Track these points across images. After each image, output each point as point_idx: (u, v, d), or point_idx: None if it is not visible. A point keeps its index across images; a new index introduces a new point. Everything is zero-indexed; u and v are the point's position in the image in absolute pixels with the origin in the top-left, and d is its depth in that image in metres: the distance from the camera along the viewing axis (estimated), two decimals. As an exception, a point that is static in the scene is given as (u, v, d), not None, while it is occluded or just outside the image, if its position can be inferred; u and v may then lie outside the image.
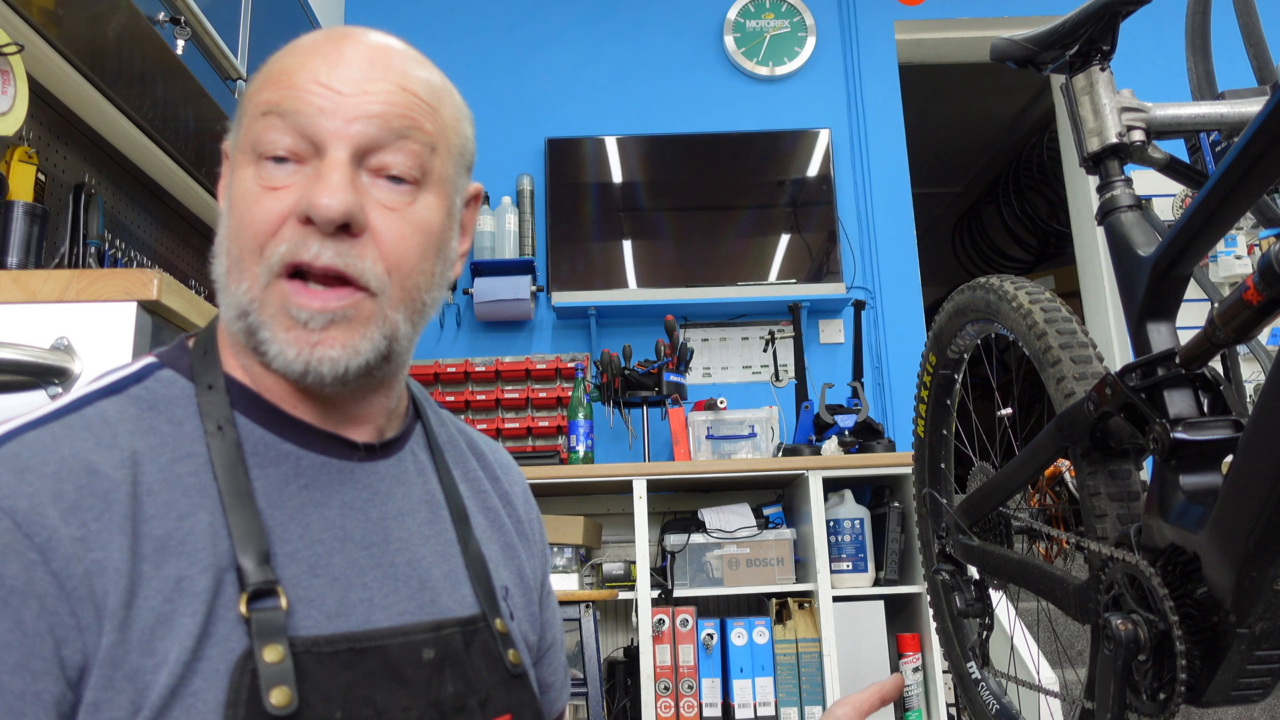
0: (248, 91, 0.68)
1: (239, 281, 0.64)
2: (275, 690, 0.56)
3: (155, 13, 1.75)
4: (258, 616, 0.58)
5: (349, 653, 0.61)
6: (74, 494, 0.56)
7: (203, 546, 0.59)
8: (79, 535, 0.55)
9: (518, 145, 3.41)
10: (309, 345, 0.63)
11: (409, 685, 0.62)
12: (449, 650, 0.66)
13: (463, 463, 0.82)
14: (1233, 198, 0.77)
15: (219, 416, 0.64)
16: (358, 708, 0.59)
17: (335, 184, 0.61)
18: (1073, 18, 1.07)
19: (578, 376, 2.95)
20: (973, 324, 1.28)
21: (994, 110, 5.11)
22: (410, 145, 0.65)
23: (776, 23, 3.57)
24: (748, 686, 2.50)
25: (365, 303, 0.64)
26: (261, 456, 0.65)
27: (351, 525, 0.67)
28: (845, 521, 2.66)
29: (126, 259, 2.06)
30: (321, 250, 0.62)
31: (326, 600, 0.62)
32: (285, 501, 0.64)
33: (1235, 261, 3.12)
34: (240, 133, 0.67)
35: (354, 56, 0.65)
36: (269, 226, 0.63)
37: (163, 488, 0.60)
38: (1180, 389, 0.86)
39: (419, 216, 0.66)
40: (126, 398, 0.64)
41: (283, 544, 0.62)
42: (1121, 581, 0.87)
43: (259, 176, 0.64)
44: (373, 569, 0.66)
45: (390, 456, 0.73)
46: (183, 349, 0.70)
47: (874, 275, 3.38)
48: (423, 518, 0.73)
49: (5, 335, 1.04)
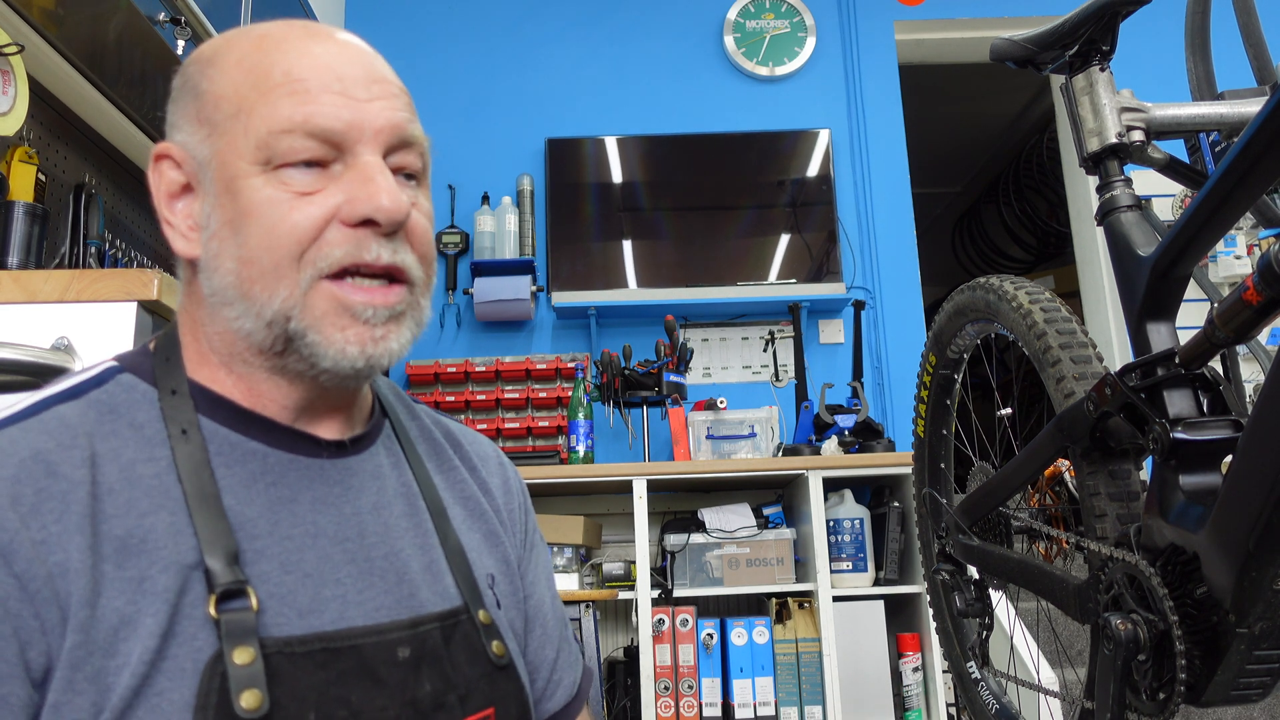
0: (227, 94, 0.65)
1: (271, 289, 0.63)
2: (246, 693, 0.55)
3: (155, 13, 1.75)
4: (227, 618, 0.57)
5: (322, 653, 0.60)
6: (32, 497, 0.56)
7: (164, 545, 0.58)
8: (39, 538, 0.55)
9: (518, 145, 3.41)
10: (371, 340, 0.64)
11: (384, 685, 0.62)
12: (426, 647, 0.66)
13: (438, 455, 0.81)
14: (1232, 198, 0.77)
15: (183, 421, 0.64)
16: (332, 709, 0.59)
17: (391, 187, 0.64)
18: (1072, 18, 1.07)
19: (578, 376, 2.95)
20: (972, 324, 1.28)
21: (994, 110, 5.11)
22: (418, 146, 0.69)
23: (776, 23, 3.57)
24: (748, 686, 2.50)
25: (409, 295, 0.67)
26: (227, 456, 0.65)
27: (323, 521, 0.66)
28: (845, 521, 2.66)
29: (127, 259, 2.06)
30: (381, 251, 0.64)
31: (299, 597, 0.62)
32: (254, 499, 0.64)
33: (1235, 261, 3.12)
34: (227, 139, 0.64)
35: (348, 57, 0.66)
36: (310, 232, 0.63)
37: (123, 487, 0.60)
38: (1180, 389, 0.86)
39: (426, 208, 0.70)
40: (86, 402, 0.63)
41: (252, 541, 0.62)
42: (1121, 581, 0.87)
43: (281, 184, 0.63)
44: (347, 564, 0.65)
45: (361, 453, 0.72)
46: (144, 354, 0.69)
47: (874, 275, 3.38)
48: (399, 511, 0.72)
49: (5, 335, 1.04)
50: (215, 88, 0.66)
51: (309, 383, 0.67)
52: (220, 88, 0.65)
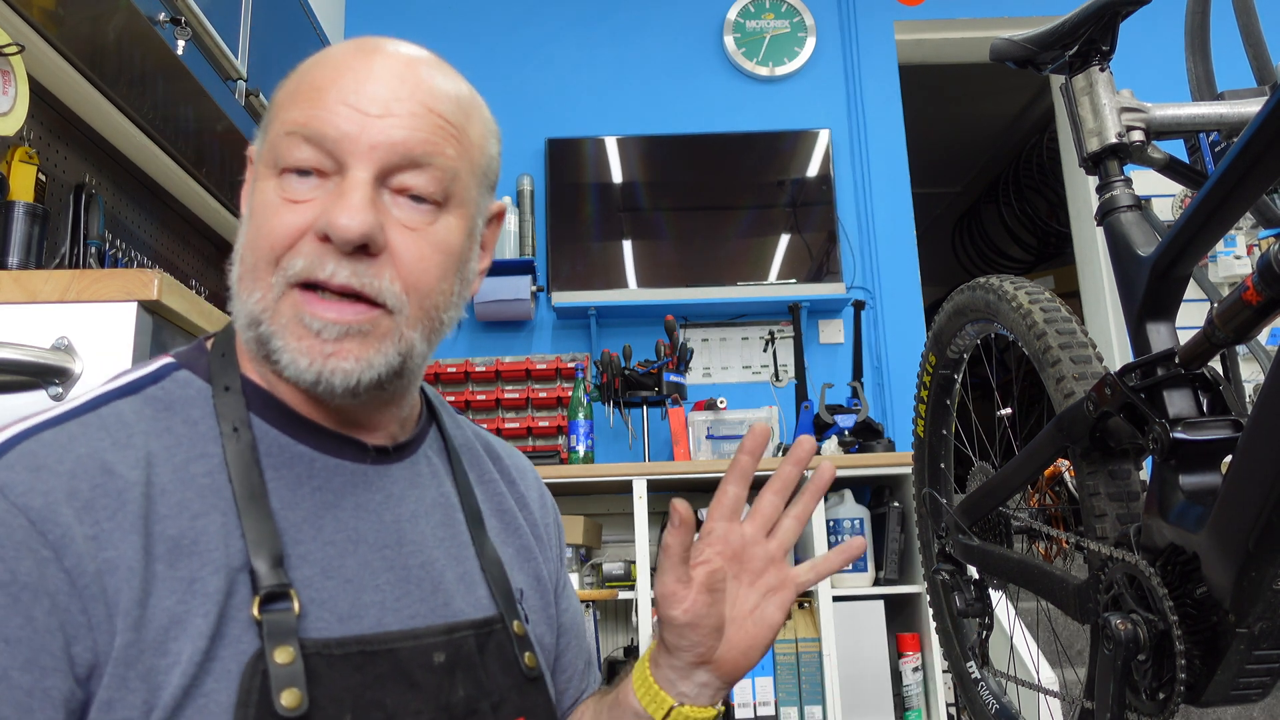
0: (276, 101, 0.68)
1: (251, 291, 0.64)
2: (286, 692, 0.56)
3: (155, 13, 1.74)
4: (269, 619, 0.58)
5: (359, 655, 0.61)
6: (88, 493, 0.57)
7: (215, 547, 0.59)
8: (92, 534, 0.56)
9: (518, 145, 3.41)
10: (322, 356, 0.63)
11: (419, 688, 0.62)
12: (460, 653, 0.66)
13: (478, 466, 0.82)
14: (1232, 198, 0.77)
15: (235, 418, 0.65)
16: (368, 710, 0.60)
17: (355, 204, 0.62)
18: (1072, 18, 1.07)
19: (578, 376, 2.95)
20: (972, 324, 1.28)
21: (994, 110, 5.11)
22: (433, 170, 0.65)
23: (776, 23, 3.57)
24: (748, 686, 2.50)
25: (383, 319, 0.64)
26: (276, 458, 0.65)
27: (365, 527, 0.67)
28: (845, 521, 2.66)
29: (127, 259, 2.06)
30: (338, 270, 0.62)
31: (339, 602, 0.62)
32: (299, 503, 0.64)
33: (1235, 261, 3.12)
34: (264, 144, 0.67)
35: (383, 74, 0.65)
36: (286, 239, 0.63)
37: (177, 488, 0.60)
38: (1180, 389, 0.86)
39: (439, 236, 0.66)
40: (143, 398, 0.64)
41: (296, 545, 0.63)
42: (1121, 581, 0.87)
43: (280, 189, 0.64)
44: (385, 571, 0.66)
45: (403, 460, 0.73)
46: (200, 350, 0.70)
47: (874, 275, 3.38)
48: (437, 520, 0.73)
49: (6, 335, 1.04)
50: (275, 95, 0.69)
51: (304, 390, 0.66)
52: (277, 95, 0.69)
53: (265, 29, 2.27)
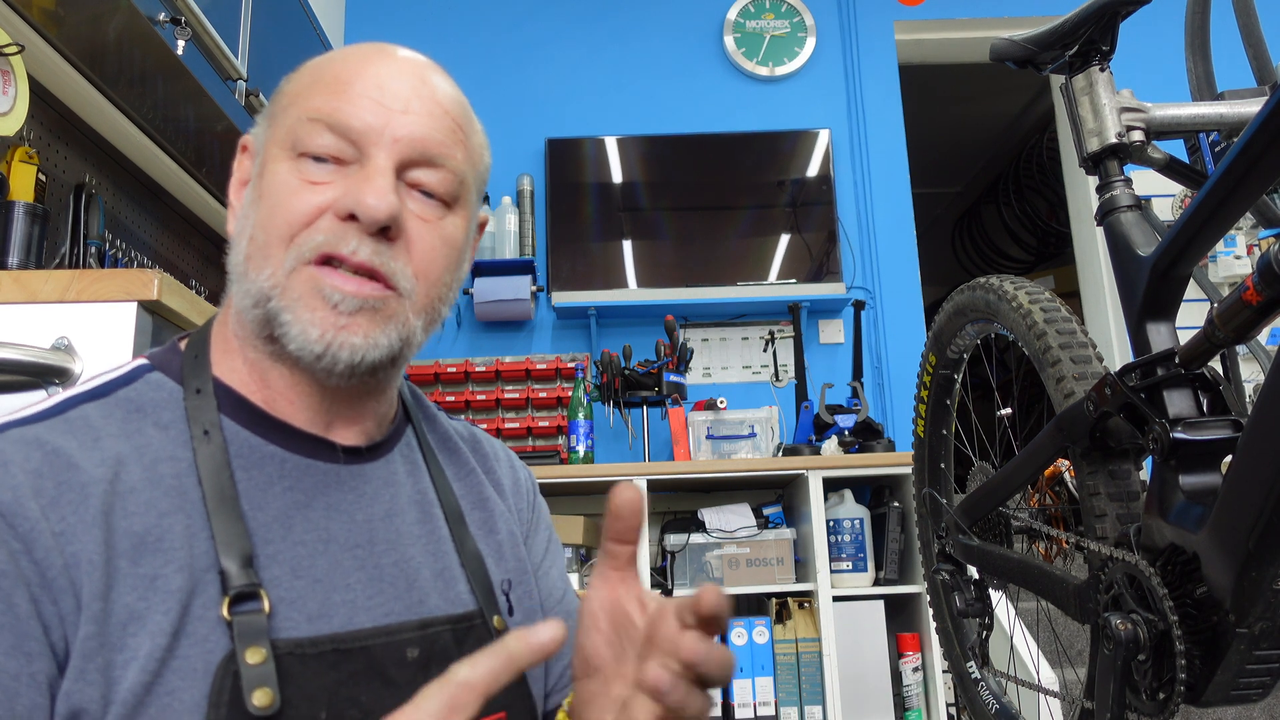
0: (289, 91, 0.70)
1: (260, 268, 0.65)
2: (257, 691, 0.56)
3: (155, 13, 1.74)
4: (240, 619, 0.58)
5: (333, 653, 0.61)
6: (53, 489, 0.57)
7: (179, 546, 0.59)
8: (58, 529, 0.56)
9: (518, 145, 3.41)
10: (334, 327, 0.64)
11: (394, 684, 0.63)
12: (435, 649, 0.66)
13: (458, 461, 0.82)
14: (1232, 198, 0.77)
15: (205, 421, 0.65)
16: (343, 708, 0.60)
17: (383, 188, 0.64)
18: (1072, 18, 1.07)
19: (578, 376, 2.94)
20: (972, 324, 1.28)
21: (994, 110, 5.11)
22: (445, 171, 0.69)
23: (776, 23, 3.57)
24: (748, 686, 2.50)
25: (393, 300, 0.66)
26: (246, 459, 0.65)
27: (335, 527, 0.67)
28: (845, 521, 2.66)
29: (127, 259, 2.06)
30: (360, 247, 0.64)
31: (308, 602, 0.63)
32: (269, 504, 0.65)
33: (1235, 261, 3.12)
34: (276, 128, 0.68)
35: (404, 73, 0.68)
36: (304, 217, 0.65)
37: (144, 487, 0.60)
38: (1180, 389, 0.86)
39: (447, 232, 0.70)
40: (113, 401, 0.65)
41: (265, 545, 0.63)
42: (1121, 581, 0.87)
43: (298, 171, 0.66)
44: (356, 570, 0.66)
45: (378, 459, 0.73)
46: (174, 351, 0.71)
47: (874, 275, 3.38)
48: (413, 518, 0.73)
49: (6, 335, 1.04)
50: (286, 87, 0.71)
51: (303, 373, 0.67)
52: (289, 87, 0.71)
53: (265, 29, 2.27)
